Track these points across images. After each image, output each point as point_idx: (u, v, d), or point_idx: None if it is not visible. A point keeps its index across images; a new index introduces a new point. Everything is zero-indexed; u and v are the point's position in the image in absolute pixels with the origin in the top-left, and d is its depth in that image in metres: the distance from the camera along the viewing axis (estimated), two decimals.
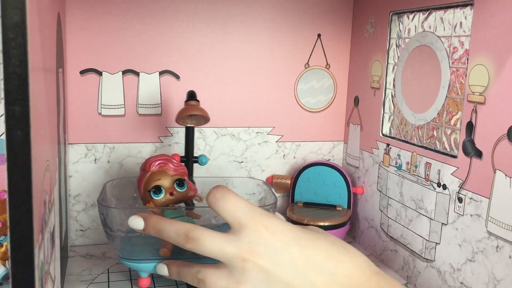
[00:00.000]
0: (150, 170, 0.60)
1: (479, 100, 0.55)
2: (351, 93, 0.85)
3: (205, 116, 0.67)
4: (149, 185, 0.59)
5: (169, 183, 0.59)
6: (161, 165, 0.60)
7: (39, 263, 0.39)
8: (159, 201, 0.59)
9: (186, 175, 0.62)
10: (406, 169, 0.69)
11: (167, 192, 0.59)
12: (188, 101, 0.68)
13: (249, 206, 0.44)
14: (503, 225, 0.52)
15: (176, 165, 0.61)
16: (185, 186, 0.61)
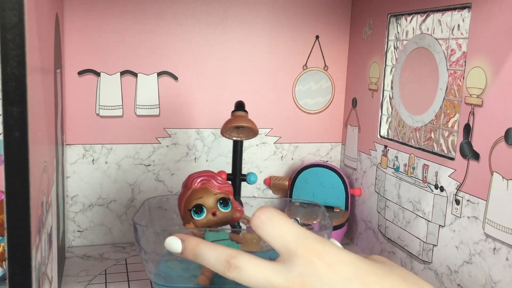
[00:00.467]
0: (191, 187, 0.55)
1: (477, 102, 0.55)
2: (349, 95, 0.85)
3: (253, 128, 0.62)
4: (189, 204, 0.54)
5: (212, 202, 0.54)
6: (204, 182, 0.55)
7: (36, 264, 0.39)
8: (200, 222, 0.53)
9: (231, 194, 0.57)
10: (403, 171, 0.69)
11: (209, 212, 0.54)
12: (234, 112, 0.63)
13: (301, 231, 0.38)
14: (500, 227, 0.52)
15: (220, 182, 0.56)
16: (229, 206, 0.55)
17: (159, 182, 0.79)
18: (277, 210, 0.39)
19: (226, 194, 0.55)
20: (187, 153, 0.80)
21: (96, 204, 0.77)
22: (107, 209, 0.77)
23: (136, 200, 0.78)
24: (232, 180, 0.67)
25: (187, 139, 0.79)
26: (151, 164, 0.78)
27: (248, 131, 0.63)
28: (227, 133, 0.63)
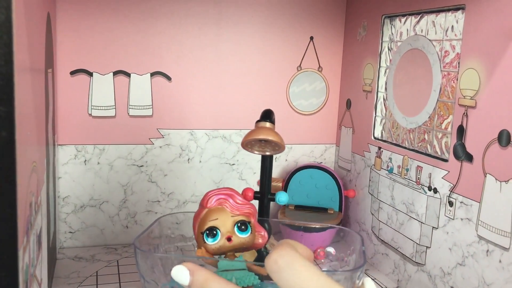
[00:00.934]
0: (207, 206, 0.48)
1: (470, 104, 0.55)
2: (343, 96, 0.84)
3: (278, 143, 0.54)
4: (203, 226, 0.48)
5: (229, 225, 0.47)
6: (221, 201, 0.48)
7: (24, 265, 0.38)
8: (212, 247, 0.47)
9: (253, 216, 0.50)
10: (397, 173, 0.68)
11: (223, 236, 0.47)
12: (259, 122, 0.56)
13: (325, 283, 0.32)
14: (493, 229, 0.52)
15: (240, 203, 0.49)
16: (249, 231, 0.48)
17: (152, 183, 0.78)
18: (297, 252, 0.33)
19: (247, 217, 0.48)
20: (180, 154, 0.79)
21: (88, 205, 0.76)
22: (99, 210, 0.77)
23: (129, 201, 0.78)
24: (259, 199, 0.60)
25: (180, 140, 0.79)
26: (144, 165, 0.78)
27: (274, 145, 0.55)
28: (249, 146, 0.55)
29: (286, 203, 0.61)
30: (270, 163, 0.61)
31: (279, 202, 0.59)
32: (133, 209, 0.78)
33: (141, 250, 0.46)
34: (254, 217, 0.50)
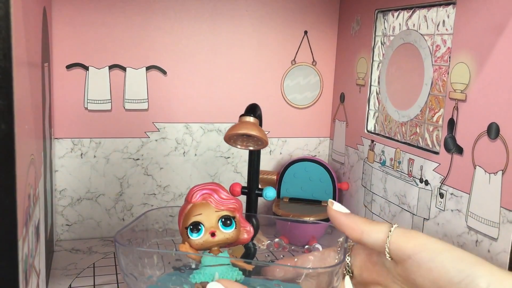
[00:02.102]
0: (191, 201, 0.48)
1: (460, 97, 0.56)
2: (337, 90, 0.85)
3: (260, 138, 0.54)
4: (187, 221, 0.47)
5: (213, 220, 0.47)
6: (205, 196, 0.48)
7: (23, 256, 0.39)
8: (195, 242, 0.46)
9: (237, 211, 0.49)
10: (390, 165, 0.70)
11: (207, 231, 0.47)
12: (242, 116, 0.55)
13: None
14: (482, 220, 0.53)
15: (225, 198, 0.48)
16: (233, 226, 0.48)
17: (148, 176, 0.79)
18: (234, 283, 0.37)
19: (231, 212, 0.48)
20: (176, 147, 0.80)
21: (84, 198, 0.77)
22: (96, 203, 0.77)
23: (125, 194, 0.78)
24: (247, 194, 0.60)
25: (176, 134, 0.80)
26: (139, 158, 0.78)
27: (256, 140, 0.55)
28: (232, 140, 0.55)
29: (273, 199, 0.61)
30: (258, 157, 0.61)
31: (266, 198, 0.59)
32: (129, 202, 0.79)
33: (121, 245, 0.45)
34: (239, 212, 0.49)
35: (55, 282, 0.63)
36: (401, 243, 0.43)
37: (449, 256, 0.41)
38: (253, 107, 0.57)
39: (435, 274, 0.41)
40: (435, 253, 0.41)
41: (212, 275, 0.45)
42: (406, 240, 0.43)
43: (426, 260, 0.41)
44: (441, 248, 0.41)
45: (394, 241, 0.43)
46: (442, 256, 0.41)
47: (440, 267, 0.40)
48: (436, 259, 0.41)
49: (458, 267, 0.40)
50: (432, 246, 0.42)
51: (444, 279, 0.40)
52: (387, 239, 0.44)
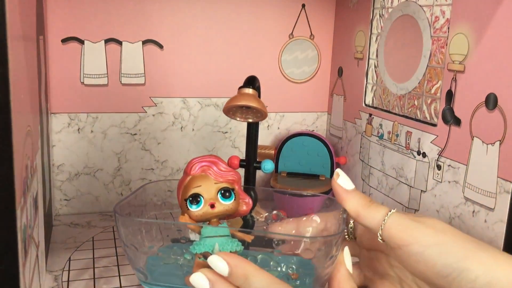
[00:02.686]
0: (190, 174, 0.48)
1: (459, 68, 0.56)
2: (335, 64, 0.85)
3: (260, 110, 0.53)
4: (186, 193, 0.48)
5: (212, 192, 0.47)
6: (204, 168, 0.48)
7: (22, 225, 0.39)
8: (195, 214, 0.47)
9: (236, 183, 0.50)
10: (387, 138, 0.70)
11: (206, 203, 0.47)
12: (241, 88, 0.55)
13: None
14: (479, 191, 0.53)
15: (224, 170, 0.48)
16: (232, 198, 0.48)
17: (146, 151, 0.79)
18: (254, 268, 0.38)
19: (230, 184, 0.48)
20: (173, 122, 0.80)
21: (82, 173, 0.77)
22: (94, 178, 0.77)
23: (123, 169, 0.78)
24: (245, 167, 0.60)
25: (173, 108, 0.79)
26: (137, 133, 0.78)
27: (255, 112, 0.54)
28: (231, 113, 0.54)
29: (271, 171, 0.61)
30: (256, 130, 0.61)
31: (264, 171, 0.60)
32: (127, 177, 0.79)
33: (121, 215, 0.46)
34: (238, 184, 0.50)
35: (55, 255, 0.63)
36: (392, 234, 0.43)
37: (437, 250, 0.41)
38: (252, 79, 0.57)
39: (423, 266, 0.41)
40: (424, 247, 0.41)
41: (212, 245, 0.46)
42: (397, 232, 0.43)
43: (414, 252, 0.42)
44: (431, 242, 0.42)
45: (386, 231, 0.44)
46: (430, 250, 0.41)
47: (427, 261, 0.41)
48: (424, 253, 0.41)
49: (445, 262, 0.40)
50: (422, 239, 0.42)
51: (432, 272, 0.41)
52: (380, 228, 0.44)
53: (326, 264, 0.45)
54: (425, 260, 0.41)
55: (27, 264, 0.42)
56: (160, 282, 0.47)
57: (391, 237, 0.43)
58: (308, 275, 0.48)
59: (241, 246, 0.47)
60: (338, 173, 0.47)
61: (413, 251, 0.42)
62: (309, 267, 0.47)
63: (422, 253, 0.41)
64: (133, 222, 0.48)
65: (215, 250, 0.45)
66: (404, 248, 0.42)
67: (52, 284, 0.56)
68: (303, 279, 0.49)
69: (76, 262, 0.61)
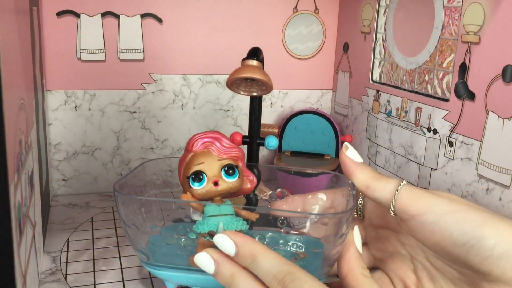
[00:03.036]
0: (192, 150, 0.46)
1: (474, 40, 0.53)
2: (340, 39, 0.82)
3: (265, 82, 0.51)
4: (188, 170, 0.45)
5: (215, 169, 0.45)
6: (207, 144, 0.46)
7: (16, 203, 0.37)
8: (198, 192, 0.45)
9: (241, 160, 0.48)
10: (396, 115, 0.67)
11: (210, 181, 0.45)
12: (245, 60, 0.53)
13: None
14: (494, 168, 0.51)
15: (227, 146, 0.46)
16: (236, 175, 0.46)
17: (145, 130, 0.77)
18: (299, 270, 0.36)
19: (234, 161, 0.46)
20: (174, 100, 0.77)
21: (80, 152, 0.74)
22: (92, 158, 0.75)
23: (122, 148, 0.76)
24: (248, 143, 0.58)
25: (173, 85, 0.77)
26: (136, 111, 0.76)
27: (260, 85, 0.52)
28: (234, 86, 0.52)
29: (275, 148, 0.59)
30: (259, 105, 0.58)
31: (268, 147, 0.57)
32: (127, 156, 0.77)
33: (120, 194, 0.44)
34: (242, 161, 0.48)
35: (53, 236, 0.61)
36: (406, 204, 0.41)
37: (453, 218, 0.39)
38: (255, 50, 0.54)
39: (439, 236, 0.40)
40: (440, 216, 0.40)
41: (216, 225, 0.44)
42: (411, 201, 0.41)
43: (430, 222, 0.40)
44: (446, 210, 0.40)
45: (399, 201, 0.42)
46: (446, 218, 0.39)
47: (443, 230, 0.39)
48: (440, 221, 0.39)
49: (462, 230, 0.38)
50: (437, 207, 0.40)
51: (448, 241, 0.39)
52: (392, 198, 0.42)
53: (336, 243, 0.43)
54: (441, 229, 0.39)
55: (23, 244, 0.40)
56: (162, 263, 0.45)
57: (404, 208, 0.41)
58: (316, 255, 0.46)
59: (246, 225, 0.45)
60: (347, 146, 0.45)
61: (428, 221, 0.40)
62: (318, 246, 0.45)
63: (437, 222, 0.39)
64: (133, 201, 0.45)
65: (220, 229, 0.43)
66: (418, 218, 0.40)
67: (50, 265, 0.54)
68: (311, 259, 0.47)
69: (74, 243, 0.59)
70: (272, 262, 0.37)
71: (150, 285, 0.51)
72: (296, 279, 0.36)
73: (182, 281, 0.46)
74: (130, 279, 0.52)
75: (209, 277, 0.43)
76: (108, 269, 0.54)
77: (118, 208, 0.45)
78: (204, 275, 0.44)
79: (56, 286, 0.50)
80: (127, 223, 0.45)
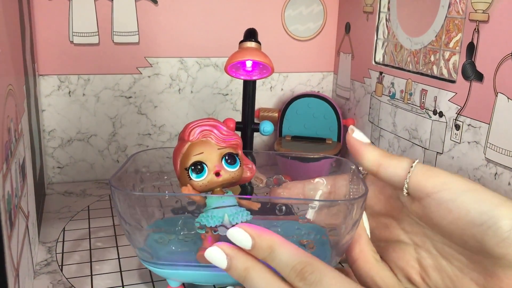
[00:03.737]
0: (189, 140, 0.43)
1: (482, 18, 0.51)
2: (342, 20, 0.79)
3: (266, 64, 0.49)
4: (187, 161, 0.43)
5: (216, 159, 0.43)
6: (205, 133, 0.44)
7: (5, 194, 0.35)
8: (199, 184, 0.42)
9: (240, 148, 0.46)
10: (400, 98, 0.65)
11: (211, 171, 0.42)
12: (243, 42, 0.51)
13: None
14: (503, 151, 0.49)
15: (225, 133, 0.44)
16: (237, 164, 0.44)
17: (142, 115, 0.75)
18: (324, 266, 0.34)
19: (234, 149, 0.44)
20: (171, 84, 0.75)
21: (75, 139, 0.72)
22: (88, 144, 0.73)
23: (118, 134, 0.74)
24: (242, 130, 0.56)
25: (170, 69, 0.74)
26: (132, 96, 0.73)
27: (261, 67, 0.50)
28: (234, 70, 0.50)
29: (271, 133, 0.57)
30: (253, 89, 0.56)
31: (263, 133, 0.56)
32: (123, 143, 0.75)
33: (117, 189, 0.41)
34: (240, 149, 0.46)
35: (48, 225, 0.59)
36: (421, 180, 0.40)
37: (471, 196, 0.38)
38: (252, 31, 0.52)
39: (455, 214, 0.38)
40: (457, 193, 0.38)
41: (222, 217, 0.42)
42: (427, 178, 0.40)
43: (446, 199, 0.38)
44: (463, 188, 0.38)
45: (414, 178, 0.40)
46: (464, 196, 0.38)
47: (461, 208, 0.37)
48: (458, 199, 0.38)
49: (481, 209, 0.37)
50: (454, 185, 0.39)
51: (465, 221, 0.37)
52: (407, 175, 0.40)
53: (349, 229, 0.41)
54: (458, 207, 0.37)
55: (14, 236, 0.38)
56: (166, 261, 0.43)
57: (419, 185, 0.40)
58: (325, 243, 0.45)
59: (250, 215, 0.43)
60: (353, 128, 0.44)
61: (444, 198, 0.38)
62: (328, 233, 0.44)
63: (455, 200, 0.38)
64: (131, 197, 0.43)
65: (225, 222, 0.42)
66: (434, 196, 0.39)
67: (46, 256, 0.52)
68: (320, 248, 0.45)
69: (71, 232, 0.58)
70: (290, 253, 0.35)
71: (148, 276, 0.49)
72: (316, 270, 0.34)
73: (188, 279, 0.45)
74: (127, 269, 0.50)
75: (217, 272, 0.42)
76: (105, 259, 0.52)
77: (115, 205, 0.42)
78: (212, 271, 0.42)
79: (52, 278, 0.48)
80: (128, 222, 0.42)
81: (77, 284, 0.47)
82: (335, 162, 0.55)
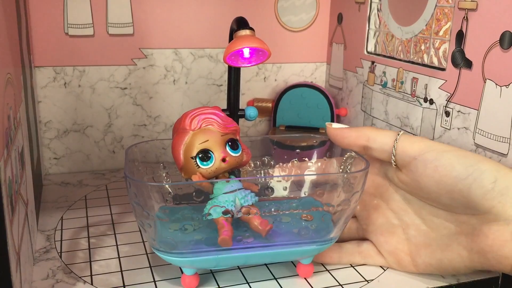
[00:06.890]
0: (191, 129, 0.45)
1: (471, 6, 0.52)
2: (334, 10, 0.80)
3: (264, 49, 0.50)
4: (192, 150, 0.44)
5: (220, 145, 0.44)
6: (208, 121, 0.45)
7: (6, 179, 0.36)
8: (208, 171, 0.44)
9: (239, 133, 0.48)
10: (391, 87, 0.66)
11: (218, 158, 0.44)
12: (237, 31, 0.52)
13: None
14: (492, 136, 0.50)
15: (225, 120, 0.46)
16: (239, 148, 0.45)
17: (137, 106, 0.75)
18: None
19: (234, 134, 0.46)
20: (165, 75, 0.76)
21: (71, 130, 0.73)
22: (84, 135, 0.74)
23: (114, 125, 0.75)
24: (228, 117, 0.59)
25: (165, 60, 0.75)
26: (127, 87, 0.74)
27: (259, 53, 0.51)
28: (233, 58, 0.51)
29: (255, 118, 0.59)
30: (237, 75, 0.57)
31: (250, 118, 0.57)
32: (119, 134, 0.75)
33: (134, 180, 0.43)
34: (238, 134, 0.48)
35: (46, 214, 0.60)
36: (407, 146, 0.44)
37: (454, 154, 0.42)
38: (242, 20, 0.53)
39: (441, 172, 0.42)
40: (440, 153, 0.42)
41: (233, 201, 0.43)
42: (412, 143, 0.44)
43: (431, 159, 0.42)
44: (446, 149, 0.43)
45: (401, 144, 0.45)
46: (447, 154, 0.42)
47: (446, 165, 0.42)
48: (442, 157, 0.42)
49: (464, 163, 0.41)
50: (437, 146, 0.43)
51: (450, 176, 0.41)
52: (394, 143, 0.45)
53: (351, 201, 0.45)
54: (443, 165, 0.41)
55: (15, 221, 0.39)
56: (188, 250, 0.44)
57: (405, 151, 0.44)
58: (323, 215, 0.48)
59: (256, 197, 0.45)
60: (329, 123, 0.50)
61: (430, 158, 0.42)
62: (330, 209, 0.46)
63: (440, 158, 0.42)
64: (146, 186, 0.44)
65: (237, 205, 0.44)
66: (420, 158, 0.43)
67: (45, 243, 0.53)
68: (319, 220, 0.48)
69: (68, 221, 0.59)
70: None
71: (146, 261, 0.50)
72: None
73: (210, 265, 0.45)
74: (125, 255, 0.51)
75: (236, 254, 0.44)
76: (103, 246, 0.53)
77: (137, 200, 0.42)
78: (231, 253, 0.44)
79: (51, 264, 0.49)
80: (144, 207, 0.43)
81: (76, 270, 0.48)
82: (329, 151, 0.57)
